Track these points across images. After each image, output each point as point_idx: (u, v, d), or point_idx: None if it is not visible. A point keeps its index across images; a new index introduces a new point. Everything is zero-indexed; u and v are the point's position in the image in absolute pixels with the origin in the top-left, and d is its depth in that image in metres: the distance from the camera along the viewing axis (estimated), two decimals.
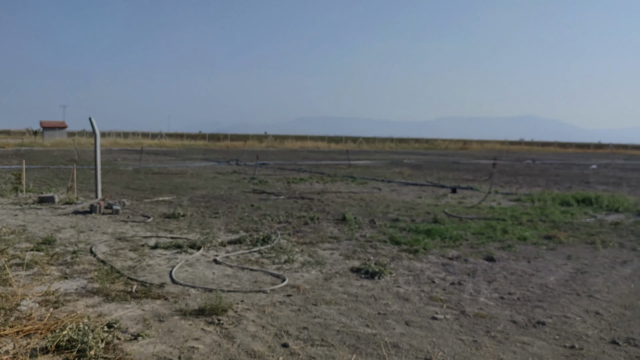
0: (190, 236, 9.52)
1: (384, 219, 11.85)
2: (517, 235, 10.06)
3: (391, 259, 8.12)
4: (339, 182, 20.94)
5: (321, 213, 12.51)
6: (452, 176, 25.62)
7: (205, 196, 15.34)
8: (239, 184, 19.11)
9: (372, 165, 34.33)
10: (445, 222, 11.48)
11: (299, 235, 9.87)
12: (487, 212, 13.28)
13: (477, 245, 9.26)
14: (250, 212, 12.53)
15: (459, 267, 7.79)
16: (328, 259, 8.04)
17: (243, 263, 7.73)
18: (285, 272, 7.27)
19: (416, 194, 17.26)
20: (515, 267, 7.82)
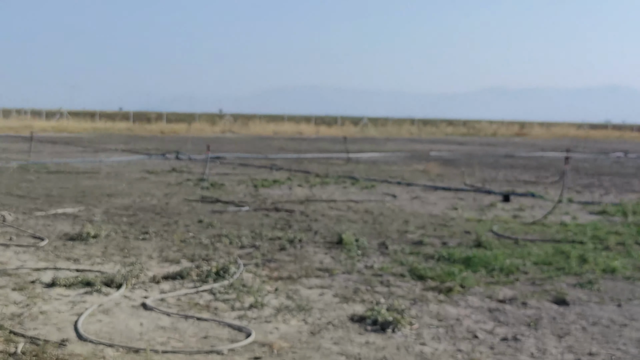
0: (106, 268, 9.45)
1: (401, 242, 11.86)
2: (601, 266, 10.09)
3: (412, 302, 8.12)
4: (332, 185, 20.97)
5: (305, 232, 12.49)
6: (504, 176, 25.75)
7: (129, 207, 15.27)
8: (180, 189, 19.06)
9: (383, 159, 34.42)
10: (494, 246, 11.50)
11: (272, 266, 9.83)
12: (556, 231, 13.35)
13: (541, 281, 9.28)
14: (197, 231, 12.47)
15: (514, 314, 7.80)
16: (316, 303, 8.02)
17: (187, 309, 7.68)
18: (251, 323, 7.24)
19: (449, 203, 17.33)
20: (599, 314, 7.85)
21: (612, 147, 56.15)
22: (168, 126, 73.33)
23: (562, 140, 72.70)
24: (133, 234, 11.98)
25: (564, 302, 8.29)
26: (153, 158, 31.40)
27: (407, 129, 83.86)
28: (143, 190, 18.60)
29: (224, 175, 23.43)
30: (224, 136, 62.08)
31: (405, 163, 31.87)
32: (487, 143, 60.57)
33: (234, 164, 29.04)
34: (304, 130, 75.65)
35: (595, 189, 21.91)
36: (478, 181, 23.54)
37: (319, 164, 29.47)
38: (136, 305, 7.76)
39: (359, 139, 63.16)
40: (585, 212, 16.25)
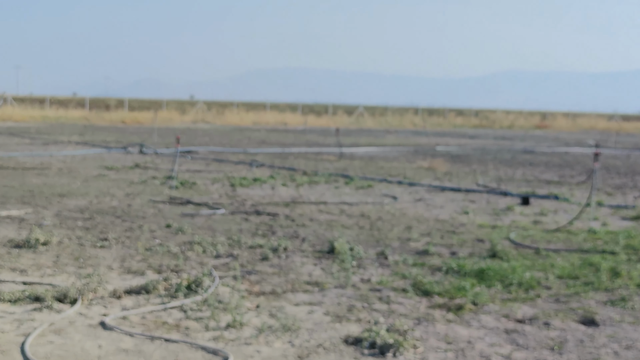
0: (58, 280, 9.41)
1: (403, 251, 11.87)
2: (636, 281, 10.12)
3: (416, 322, 8.13)
4: (322, 184, 20.99)
5: (291, 240, 12.49)
6: (522, 175, 25.83)
7: (85, 209, 15.24)
8: (144, 188, 19.04)
9: (382, 154, 34.48)
10: (511, 256, 11.52)
11: (253, 279, 9.83)
12: (583, 239, 13.39)
13: (566, 298, 9.30)
14: (165, 237, 12.46)
15: (534, 336, 7.82)
16: (304, 322, 8.02)
17: (153, 328, 7.66)
18: (228, 345, 7.24)
19: (459, 206, 17.37)
20: (634, 337, 7.88)
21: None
22: (130, 115, 73.18)
23: (589, 133, 72.97)
24: (90, 240, 11.94)
25: (592, 323, 8.31)
26: (113, 152, 31.36)
27: (409, 120, 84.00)
28: (101, 189, 18.56)
29: (196, 173, 23.42)
30: (196, 127, 62.04)
31: (408, 159, 31.92)
32: (503, 136, 60.75)
33: (207, 159, 29.02)
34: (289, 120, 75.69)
35: (629, 190, 22.00)
36: (492, 181, 23.61)
37: (307, 160, 29.49)
38: (94, 324, 7.73)
39: (353, 130, 63.27)
40: (618, 218, 16.32)
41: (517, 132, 71.56)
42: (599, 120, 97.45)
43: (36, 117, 66.94)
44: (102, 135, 43.94)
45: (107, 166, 24.51)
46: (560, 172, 27.81)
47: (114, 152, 31.07)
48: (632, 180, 25.02)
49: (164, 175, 21.76)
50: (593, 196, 15.92)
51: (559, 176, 26.03)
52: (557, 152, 40.29)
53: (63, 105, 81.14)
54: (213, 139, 44.12)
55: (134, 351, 7.01)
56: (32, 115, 68.22)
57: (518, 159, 34.37)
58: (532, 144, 49.71)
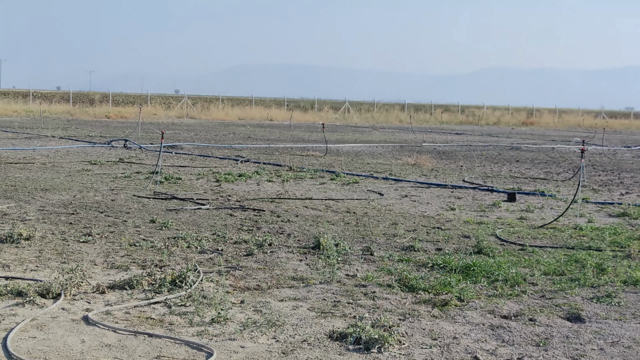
0: (41, 275, 9.40)
1: (389, 247, 11.89)
2: (622, 277, 10.16)
3: (401, 318, 8.14)
4: (308, 180, 21.00)
5: (277, 235, 12.50)
6: (509, 172, 25.90)
7: (69, 204, 15.20)
8: (128, 183, 19.00)
9: (368, 151, 34.50)
10: (497, 252, 11.56)
11: (238, 274, 9.83)
12: (569, 235, 13.44)
13: (551, 294, 9.34)
14: (149, 232, 12.44)
15: (520, 332, 7.84)
16: (289, 317, 8.03)
17: (137, 323, 7.66)
18: (212, 341, 7.23)
19: (445, 202, 17.40)
20: (620, 333, 7.91)
21: (635, 138, 56.63)
22: (115, 109, 73.02)
23: (576, 130, 73.21)
24: (73, 235, 11.91)
25: (578, 319, 8.34)
26: (97, 147, 31.26)
27: (396, 116, 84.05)
28: (85, 184, 18.50)
29: (181, 168, 23.38)
30: (180, 122, 61.92)
31: (394, 155, 31.96)
32: (489, 133, 60.89)
33: (192, 154, 28.97)
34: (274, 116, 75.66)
35: (615, 187, 22.09)
36: (478, 177, 23.66)
37: (293, 156, 29.48)
38: (77, 320, 7.71)
39: (339, 126, 63.28)
40: (604, 214, 16.38)
41: (503, 129, 71.71)
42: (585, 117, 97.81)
43: (19, 111, 66.60)
44: (86, 130, 43.80)
45: (91, 161, 24.43)
46: (546, 168, 27.90)
47: (98, 147, 30.98)
48: (619, 177, 25.12)
49: (149, 171, 21.71)
50: (579, 193, 15.97)
51: (545, 173, 26.11)
52: (543, 149, 40.39)
53: (47, 100, 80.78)
54: (198, 134, 44.06)
55: (117, 346, 7.00)
56: (16, 109, 67.89)
57: (504, 155, 34.45)
58: (518, 140, 49.84)
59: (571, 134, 61.07)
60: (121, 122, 56.94)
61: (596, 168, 28.41)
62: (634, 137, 60.52)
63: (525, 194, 19.41)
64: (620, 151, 40.63)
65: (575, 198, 15.83)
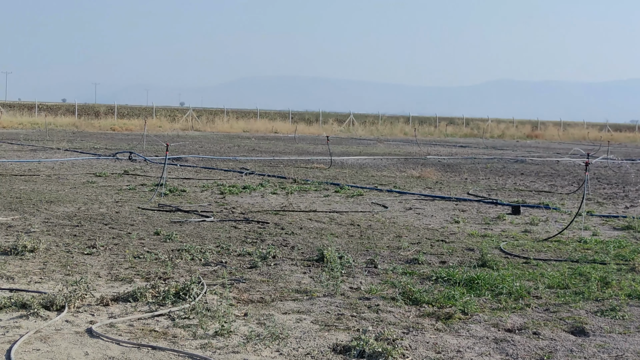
0: (45, 287, 9.39)
1: (393, 260, 11.88)
2: (626, 291, 10.15)
3: (405, 331, 8.13)
4: (312, 193, 21.00)
5: (281, 248, 12.49)
6: (513, 185, 25.88)
7: (74, 216, 15.20)
8: (133, 195, 19.01)
9: (373, 163, 34.50)
10: (501, 265, 11.55)
11: (242, 287, 9.82)
12: (574, 249, 13.42)
13: (556, 308, 9.32)
14: (153, 245, 12.44)
15: (524, 345, 7.83)
16: (293, 330, 8.02)
17: (140, 336, 7.65)
18: (216, 354, 7.23)
19: (449, 215, 17.39)
20: (624, 347, 7.89)
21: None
22: (120, 121, 73.16)
23: (581, 143, 73.13)
24: (77, 247, 11.91)
25: (582, 333, 8.33)
26: (102, 159, 31.28)
27: (400, 128, 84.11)
28: (90, 196, 18.52)
29: (186, 180, 23.40)
30: (185, 134, 61.98)
31: (398, 168, 31.96)
32: (494, 145, 60.85)
33: (197, 166, 28.99)
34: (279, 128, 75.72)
35: (620, 200, 22.07)
36: (483, 190, 23.64)
37: (297, 168, 29.48)
38: (80, 332, 7.71)
39: (344, 139, 63.31)
40: (608, 227, 16.36)
41: (508, 142, 71.71)
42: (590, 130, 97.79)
43: (25, 123, 66.72)
44: (91, 142, 43.86)
45: (95, 173, 24.47)
46: (551, 181, 27.88)
47: (102, 159, 31.00)
48: (623, 190, 25.10)
49: (153, 183, 21.72)
50: (584, 206, 15.95)
51: (550, 186, 26.09)
52: (547, 162, 40.38)
53: (52, 112, 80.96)
54: (203, 146, 44.09)
55: (121, 359, 6.99)
56: (21, 121, 68.03)
57: (509, 168, 34.44)
58: (523, 153, 49.82)
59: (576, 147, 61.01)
60: (126, 135, 57.02)
61: (601, 181, 28.39)
62: (639, 150, 60.44)
63: (529, 206, 19.40)
64: (625, 164, 40.58)
65: (580, 211, 15.80)
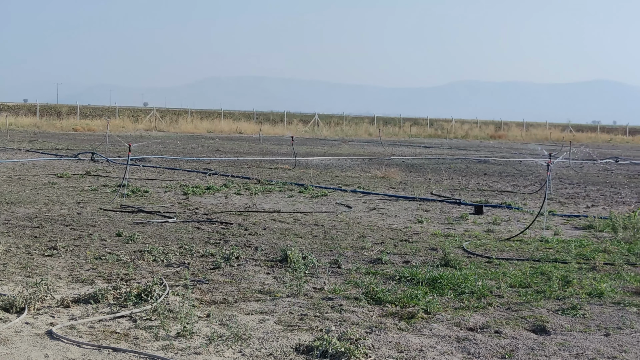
0: (4, 289, 9.30)
1: (356, 260, 11.89)
2: (587, 290, 10.23)
3: (368, 331, 8.14)
4: (276, 193, 20.98)
5: (244, 248, 12.47)
6: (476, 185, 26.03)
7: (34, 217, 15.08)
8: (95, 196, 18.89)
9: (337, 164, 34.54)
10: (464, 265, 11.61)
11: (204, 288, 9.80)
12: (535, 248, 13.52)
13: (517, 306, 9.38)
14: (115, 246, 12.37)
15: (486, 344, 7.87)
16: (255, 331, 8.01)
17: (101, 338, 7.60)
18: (178, 355, 7.20)
19: (413, 215, 17.45)
20: (584, 345, 7.96)
21: (601, 152, 57.14)
22: (82, 122, 72.65)
23: (543, 143, 73.72)
24: (38, 249, 11.82)
25: (543, 331, 8.38)
26: (63, 159, 31.06)
27: (365, 129, 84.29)
28: (51, 197, 18.38)
29: (149, 181, 23.29)
30: (149, 134, 61.68)
31: (363, 168, 32.02)
32: (458, 146, 61.18)
33: (160, 167, 28.87)
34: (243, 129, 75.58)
35: (581, 200, 22.27)
36: (446, 190, 23.76)
37: (261, 169, 29.46)
38: (40, 334, 7.65)
39: (309, 139, 63.35)
40: (570, 227, 16.51)
41: (471, 142, 72.13)
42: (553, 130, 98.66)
43: None
44: (52, 143, 43.53)
45: (57, 174, 24.27)
46: (513, 181, 28.08)
47: (64, 160, 30.78)
48: (585, 190, 25.33)
49: (116, 184, 21.60)
50: (545, 205, 16.08)
51: (513, 186, 26.28)
52: (510, 162, 40.67)
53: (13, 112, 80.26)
54: (166, 147, 43.93)
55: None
56: None
57: (472, 168, 34.64)
58: (486, 153, 50.13)
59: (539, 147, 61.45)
60: (88, 135, 56.64)
61: (563, 181, 28.63)
62: (600, 150, 61.05)
63: (492, 206, 19.52)
64: (587, 164, 40.97)
65: (542, 211, 15.93)
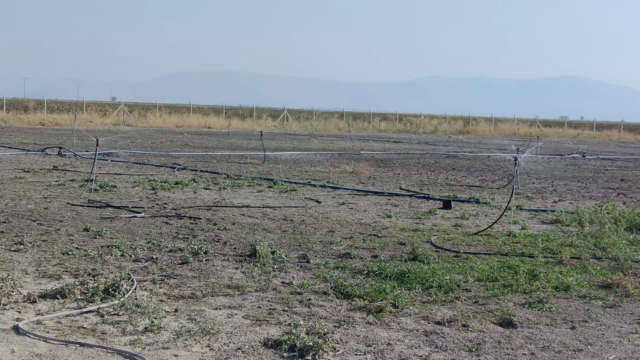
0: None
1: (325, 255, 11.92)
2: (553, 283, 10.34)
3: (336, 325, 8.17)
4: (245, 188, 20.95)
5: (213, 243, 12.45)
6: (445, 180, 26.14)
7: (1, 212, 14.97)
8: (62, 191, 18.77)
9: (307, 159, 34.54)
10: (432, 259, 11.66)
11: (172, 283, 9.77)
12: (503, 242, 13.61)
13: (485, 300, 9.45)
14: (82, 241, 12.31)
15: (453, 337, 7.92)
16: (224, 325, 8.01)
17: (68, 333, 7.58)
18: (145, 350, 7.18)
19: (382, 210, 17.50)
20: (550, 338, 8.04)
21: (568, 147, 57.57)
22: (49, 116, 72.03)
23: (511, 138, 74.16)
24: (4, 244, 11.74)
25: (510, 324, 8.45)
26: (30, 154, 30.83)
27: (334, 124, 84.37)
28: (17, 192, 18.24)
29: (117, 176, 23.17)
30: (117, 129, 61.32)
31: (332, 163, 32.05)
32: (426, 141, 61.41)
33: (128, 162, 28.74)
34: (212, 124, 75.36)
35: (549, 194, 22.44)
36: (415, 185, 23.84)
37: (230, 164, 29.39)
38: (7, 329, 7.61)
39: (278, 134, 63.28)
40: (537, 221, 16.62)
41: (440, 137, 72.42)
42: (520, 125, 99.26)
43: None
44: (19, 137, 43.15)
45: (24, 169, 24.06)
46: (481, 176, 28.24)
47: (31, 155, 30.55)
48: (552, 185, 25.53)
49: (83, 178, 21.46)
50: (513, 200, 16.19)
51: (481, 180, 26.43)
52: (478, 157, 40.88)
53: None
54: (135, 141, 43.72)
55: (48, 356, 6.92)
56: None
57: (440, 163, 34.78)
58: (455, 148, 50.36)
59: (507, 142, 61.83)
60: (56, 130, 56.23)
61: (530, 176, 28.81)
62: (567, 145, 61.50)
63: (460, 201, 19.61)
64: (554, 159, 41.28)
65: (509, 205, 16.03)
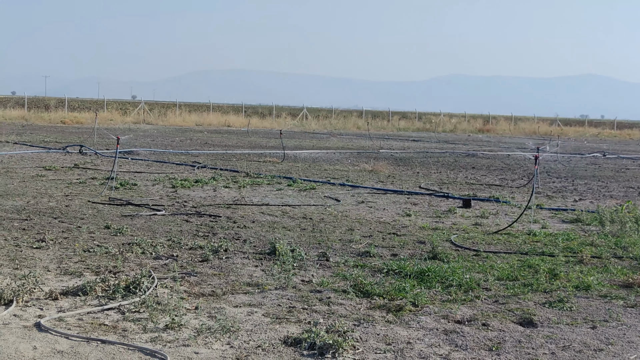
0: None
1: (345, 253, 11.91)
2: (574, 283, 10.28)
3: (356, 323, 8.16)
4: (265, 186, 20.97)
5: (232, 241, 12.47)
6: (464, 178, 26.07)
7: (22, 210, 15.03)
8: (83, 189, 18.84)
9: (326, 157, 34.54)
10: (451, 258, 11.63)
11: (193, 280, 9.80)
12: (523, 241, 13.56)
13: (505, 300, 9.42)
14: (103, 238, 12.35)
15: (473, 337, 7.90)
16: (244, 323, 8.02)
17: (90, 330, 7.60)
18: (166, 347, 7.20)
19: (401, 208, 17.47)
20: (571, 337, 8.00)
21: (589, 146, 57.31)
22: (70, 115, 72.35)
23: (531, 137, 73.88)
24: (26, 241, 11.79)
25: (530, 324, 8.42)
26: (52, 152, 30.95)
27: (353, 123, 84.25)
28: (39, 190, 18.32)
29: (137, 174, 23.24)
30: (137, 127, 61.53)
31: (351, 162, 32.04)
32: (446, 140, 61.24)
33: (148, 160, 28.82)
34: (232, 122, 75.48)
35: (569, 193, 22.34)
36: (434, 184, 23.79)
37: (250, 162, 29.43)
38: (29, 326, 7.64)
39: (297, 133, 63.30)
40: (557, 220, 16.55)
41: (459, 136, 72.20)
42: (540, 124, 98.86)
43: None
44: (41, 135, 43.36)
45: (45, 166, 24.19)
46: (501, 175, 28.14)
47: (53, 153, 30.69)
48: (572, 184, 25.41)
49: (104, 176, 21.56)
50: (533, 199, 16.13)
51: (500, 179, 26.33)
52: (498, 156, 40.74)
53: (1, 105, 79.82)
54: (155, 140, 43.84)
55: (70, 353, 6.94)
56: None
57: (460, 162, 34.69)
58: (474, 147, 50.20)
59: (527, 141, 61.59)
60: (77, 128, 56.47)
61: (550, 175, 28.70)
62: (588, 144, 61.23)
63: (480, 200, 19.56)
64: (575, 158, 41.09)
65: (529, 204, 15.98)
